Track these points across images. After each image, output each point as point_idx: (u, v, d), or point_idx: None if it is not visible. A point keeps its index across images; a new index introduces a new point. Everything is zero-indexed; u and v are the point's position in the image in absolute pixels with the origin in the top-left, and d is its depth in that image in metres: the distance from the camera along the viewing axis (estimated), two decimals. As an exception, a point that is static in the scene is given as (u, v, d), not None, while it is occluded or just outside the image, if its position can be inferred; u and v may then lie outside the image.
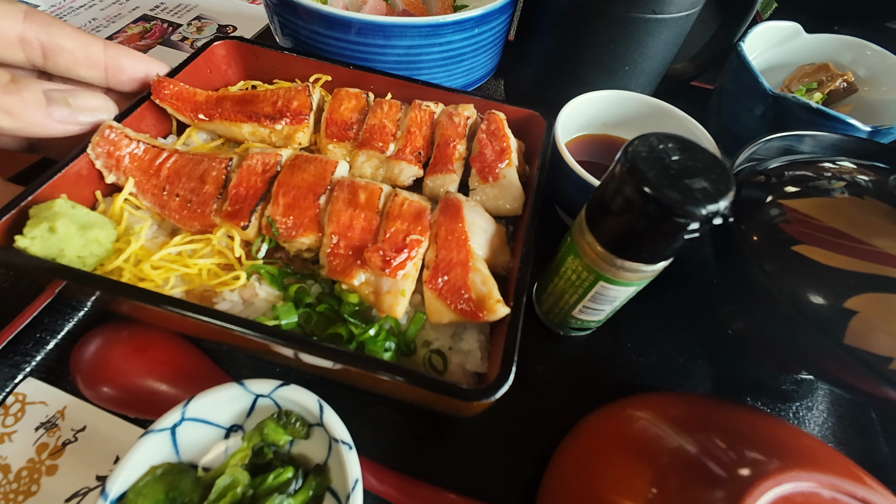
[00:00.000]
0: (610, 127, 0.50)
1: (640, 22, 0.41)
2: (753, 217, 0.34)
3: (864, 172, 0.34)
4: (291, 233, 0.29)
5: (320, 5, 0.39)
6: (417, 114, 0.37)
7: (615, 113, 0.48)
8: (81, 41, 0.33)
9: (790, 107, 0.45)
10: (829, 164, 0.37)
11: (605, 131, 0.51)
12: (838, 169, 0.35)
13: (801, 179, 0.36)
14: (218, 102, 0.37)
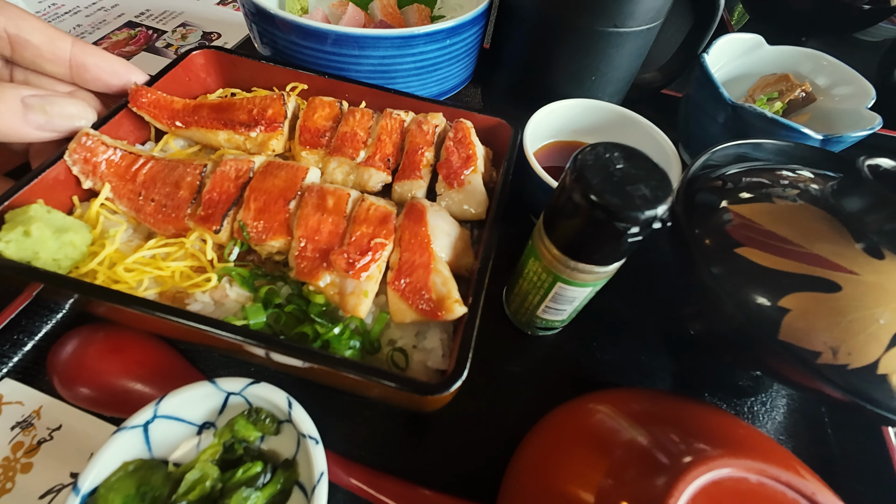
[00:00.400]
0: (580, 134, 0.52)
1: (603, 35, 0.43)
2: (706, 221, 0.36)
3: (810, 179, 0.36)
4: (262, 236, 0.31)
5: (296, 18, 0.41)
6: (388, 122, 0.38)
7: (584, 120, 0.50)
8: (49, 37, 0.34)
9: (748, 116, 0.47)
10: (781, 171, 0.39)
11: (576, 138, 0.53)
12: (788, 176, 0.38)
13: (754, 185, 0.38)
14: (195, 110, 0.38)
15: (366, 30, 0.41)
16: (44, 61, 0.34)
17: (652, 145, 0.48)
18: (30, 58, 0.34)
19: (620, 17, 0.42)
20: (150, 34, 0.69)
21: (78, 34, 0.67)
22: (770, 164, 0.42)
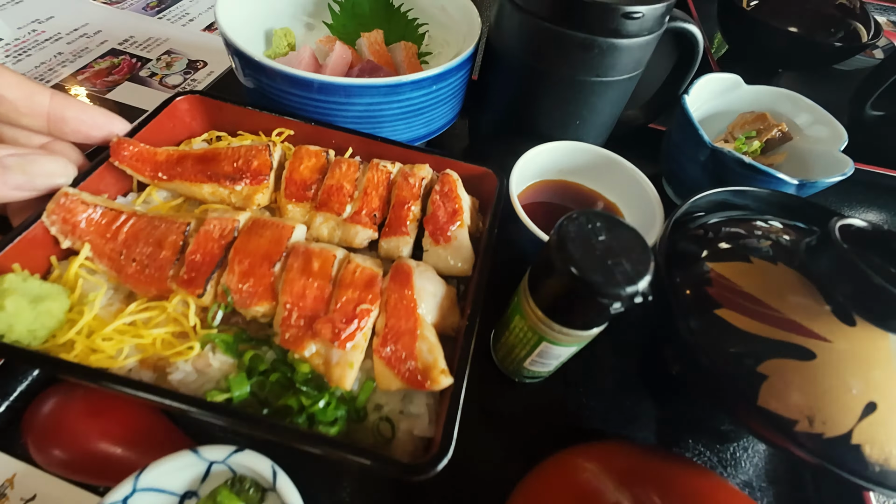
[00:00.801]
0: (565, 173, 0.53)
1: (586, 84, 0.44)
2: (687, 272, 0.37)
3: (787, 234, 0.37)
4: (246, 302, 0.30)
5: (282, 67, 0.41)
6: (374, 174, 0.38)
7: (569, 161, 0.51)
8: (26, 92, 0.33)
9: (726, 160, 0.48)
10: (760, 222, 0.40)
11: (562, 177, 0.53)
12: (766, 228, 0.39)
13: (733, 238, 0.39)
14: (178, 162, 0.38)
15: (353, 79, 0.41)
16: (20, 116, 0.33)
17: (635, 188, 0.49)
18: (5, 112, 0.33)
19: (602, 68, 0.42)
20: (134, 62, 0.68)
21: (59, 62, 0.66)
22: (750, 213, 0.43)
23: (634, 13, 0.38)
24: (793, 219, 0.41)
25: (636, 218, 0.49)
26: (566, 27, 0.40)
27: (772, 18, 0.75)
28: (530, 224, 0.40)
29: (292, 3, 0.60)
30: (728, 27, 0.85)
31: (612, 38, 0.40)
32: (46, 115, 0.34)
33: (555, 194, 0.53)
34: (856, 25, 0.76)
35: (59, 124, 0.35)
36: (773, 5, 0.77)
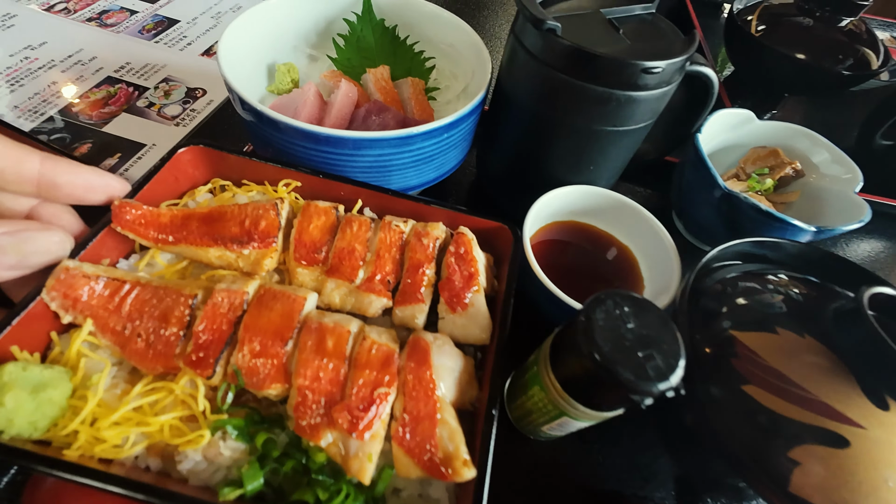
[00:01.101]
0: (577, 215, 0.52)
1: (602, 133, 0.43)
2: (709, 335, 0.36)
3: (813, 295, 0.37)
4: (258, 384, 0.29)
5: (287, 119, 0.39)
6: (387, 235, 0.37)
7: (582, 204, 0.50)
8: (14, 159, 0.31)
9: (741, 205, 0.48)
10: (782, 278, 0.39)
11: (574, 218, 0.52)
12: (789, 288, 0.38)
13: (755, 298, 0.38)
14: (183, 223, 0.36)
15: (362, 133, 0.39)
16: (8, 184, 0.31)
17: (649, 234, 0.48)
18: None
19: (619, 119, 0.41)
20: (132, 92, 0.66)
21: (52, 93, 0.64)
22: (772, 267, 0.42)
23: (654, 69, 0.37)
24: (819, 275, 0.40)
25: (650, 264, 0.49)
26: (582, 80, 0.38)
27: (779, 44, 0.75)
28: (549, 284, 0.39)
29: (296, 36, 0.58)
30: (735, 50, 0.85)
31: (630, 92, 0.39)
32: (37, 182, 0.32)
33: (566, 233, 0.52)
34: (864, 51, 0.75)
35: (52, 190, 0.33)
36: (781, 31, 0.77)
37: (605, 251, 0.51)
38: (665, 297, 0.42)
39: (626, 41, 0.41)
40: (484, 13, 0.97)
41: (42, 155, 0.32)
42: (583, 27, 0.42)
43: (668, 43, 0.42)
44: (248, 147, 0.59)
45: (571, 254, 0.52)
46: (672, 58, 0.38)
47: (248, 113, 0.42)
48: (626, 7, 0.46)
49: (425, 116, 0.53)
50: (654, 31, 0.44)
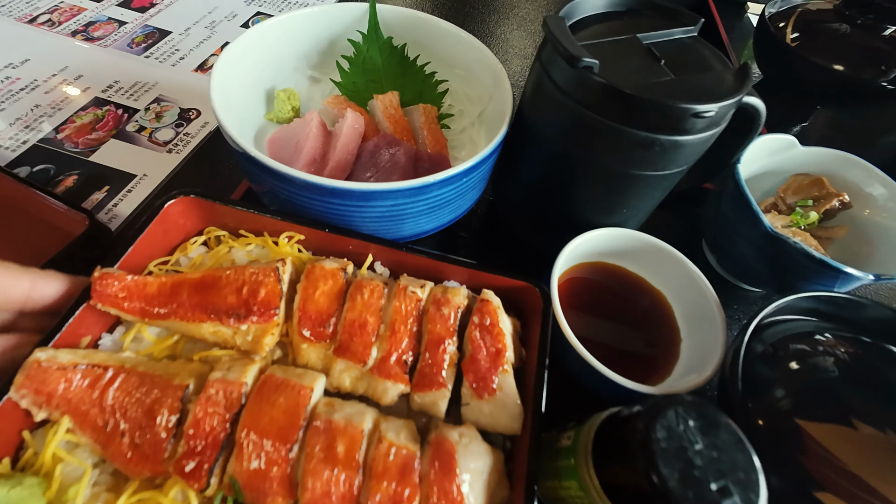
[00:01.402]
0: (605, 255, 0.48)
1: (639, 178, 0.38)
2: (769, 419, 0.32)
3: (882, 365, 0.32)
4: (259, 498, 0.25)
5: (289, 171, 0.35)
6: (402, 304, 0.33)
7: (612, 246, 0.46)
8: (2, 286, 0.28)
9: (791, 251, 0.43)
10: (846, 345, 0.35)
11: (601, 259, 0.48)
12: (861, 361, 0.34)
13: (822, 376, 0.34)
14: (173, 293, 0.32)
15: (373, 185, 0.35)
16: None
17: (688, 283, 0.43)
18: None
19: (661, 164, 0.37)
20: (120, 114, 0.61)
21: (36, 116, 0.59)
22: (836, 327, 0.37)
23: (706, 113, 0.32)
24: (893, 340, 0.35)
25: (687, 313, 0.44)
26: (623, 123, 0.34)
27: (815, 53, 0.69)
28: (585, 354, 0.35)
29: (296, 56, 0.53)
30: (765, 57, 0.79)
31: (676, 136, 0.34)
32: (23, 302, 0.29)
33: (594, 274, 0.48)
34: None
35: (38, 306, 0.30)
36: (817, 38, 0.71)
37: (637, 296, 0.47)
38: (711, 361, 0.38)
39: (670, 74, 0.36)
40: (494, 17, 0.91)
41: (32, 276, 0.29)
42: (619, 57, 0.38)
43: (716, 76, 0.37)
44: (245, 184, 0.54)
45: (600, 298, 0.47)
46: (724, 97, 0.33)
47: (244, 159, 0.37)
48: (666, 31, 0.41)
49: (439, 148, 0.49)
50: (699, 59, 0.39)
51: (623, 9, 0.42)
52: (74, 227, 0.46)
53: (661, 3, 0.42)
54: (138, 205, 0.53)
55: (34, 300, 0.29)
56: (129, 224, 0.50)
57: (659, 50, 0.39)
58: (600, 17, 0.42)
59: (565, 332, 0.35)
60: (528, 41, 0.87)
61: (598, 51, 0.38)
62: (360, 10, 0.52)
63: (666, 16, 0.42)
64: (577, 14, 0.41)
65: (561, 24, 0.35)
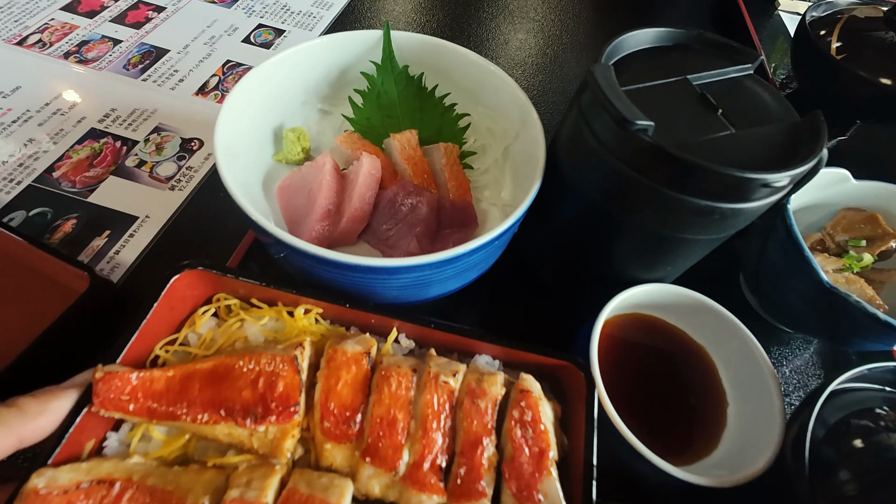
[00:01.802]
0: (642, 308, 0.44)
1: (691, 242, 0.35)
2: (826, 481, 0.30)
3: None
4: None
5: (307, 246, 0.31)
6: (433, 396, 0.30)
7: (650, 300, 0.42)
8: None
9: (851, 309, 0.39)
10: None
11: (636, 311, 0.45)
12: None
13: (875, 432, 0.32)
14: (183, 388, 0.29)
15: (398, 261, 0.31)
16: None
17: (738, 345, 0.40)
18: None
19: (717, 230, 0.33)
20: (119, 147, 0.58)
21: (31, 153, 0.56)
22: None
23: (777, 183, 0.29)
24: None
25: (736, 377, 0.41)
26: (678, 191, 0.30)
27: (862, 65, 0.64)
28: (636, 444, 0.32)
29: (304, 90, 0.49)
30: (805, 67, 0.73)
31: (738, 205, 0.30)
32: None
33: (631, 326, 0.45)
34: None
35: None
36: (863, 48, 0.65)
37: (678, 354, 0.44)
38: (766, 438, 0.35)
39: (729, 128, 0.32)
40: (508, 20, 0.86)
41: (20, 431, 0.25)
42: (671, 106, 0.34)
43: (783, 129, 0.33)
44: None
45: (637, 355, 0.44)
46: (797, 161, 0.29)
47: (259, 231, 0.34)
48: (719, 70, 0.36)
49: (461, 192, 0.45)
50: (759, 105, 0.35)
51: (671, 43, 0.38)
52: (75, 281, 0.44)
53: (712, 36, 0.38)
54: (140, 251, 0.50)
55: (30, 440, 0.25)
56: (133, 291, 0.47)
57: (714, 95, 0.34)
58: (646, 54, 0.37)
59: (614, 420, 0.32)
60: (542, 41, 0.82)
61: (646, 97, 0.34)
62: (373, 38, 0.48)
63: (718, 51, 0.38)
64: (620, 52, 0.37)
65: (609, 77, 0.30)
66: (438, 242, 0.42)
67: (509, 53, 0.80)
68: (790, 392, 0.49)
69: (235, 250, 0.46)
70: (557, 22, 0.88)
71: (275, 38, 0.74)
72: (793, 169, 0.28)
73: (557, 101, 0.74)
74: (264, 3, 0.79)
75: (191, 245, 0.51)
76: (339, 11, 0.81)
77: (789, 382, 0.50)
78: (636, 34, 0.36)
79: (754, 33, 0.88)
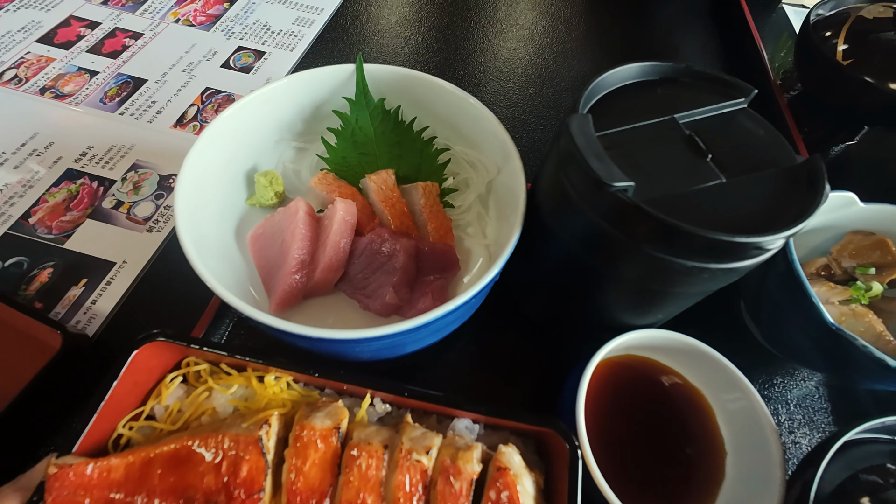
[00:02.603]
0: (633, 349, 0.42)
1: (681, 295, 0.32)
2: None
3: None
4: None
5: (274, 321, 0.30)
6: (405, 477, 0.28)
7: (642, 342, 0.40)
8: None
9: (857, 353, 0.37)
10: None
11: (628, 352, 0.43)
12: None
13: (882, 488, 0.30)
14: (143, 474, 0.28)
15: (372, 331, 0.30)
16: None
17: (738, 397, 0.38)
18: None
19: (707, 285, 0.31)
20: (96, 188, 0.56)
21: (6, 199, 0.54)
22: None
23: (770, 245, 0.26)
24: None
25: (734, 425, 0.39)
26: (665, 253, 0.28)
27: (869, 69, 0.60)
28: None
29: (278, 129, 0.47)
30: (809, 71, 0.70)
31: (730, 264, 0.28)
32: None
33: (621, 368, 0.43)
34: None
35: None
36: (870, 54, 0.61)
37: (672, 398, 0.42)
38: (766, 494, 0.33)
39: (720, 176, 0.30)
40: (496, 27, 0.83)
41: None
42: (656, 152, 0.31)
43: (777, 173, 0.30)
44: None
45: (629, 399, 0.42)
46: (793, 219, 0.27)
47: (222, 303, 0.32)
48: (709, 106, 0.34)
49: (442, 233, 0.43)
50: (751, 144, 0.32)
51: (657, 77, 0.35)
52: (50, 336, 0.43)
53: (702, 69, 0.35)
54: (117, 301, 0.48)
55: None
56: (109, 344, 0.46)
57: (703, 136, 0.32)
58: (630, 91, 0.35)
59: (602, 489, 0.30)
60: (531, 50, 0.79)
61: (629, 142, 0.31)
62: (345, 72, 0.45)
63: (708, 84, 0.35)
64: (602, 91, 0.34)
65: (585, 130, 0.28)
66: (418, 290, 0.40)
67: (498, 66, 0.77)
68: (795, 429, 0.47)
69: (211, 301, 0.44)
70: (548, 28, 0.85)
71: (255, 62, 0.72)
72: (788, 229, 0.26)
73: (549, 116, 0.71)
74: (244, 24, 0.77)
75: (169, 292, 0.49)
76: (321, 28, 0.79)
77: (794, 418, 0.47)
78: (618, 71, 0.34)
79: (755, 31, 0.84)
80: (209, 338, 0.44)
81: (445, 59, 0.77)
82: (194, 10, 0.78)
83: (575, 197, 0.30)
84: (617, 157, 0.29)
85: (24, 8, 0.74)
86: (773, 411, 0.47)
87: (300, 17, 0.80)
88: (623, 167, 0.27)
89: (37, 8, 0.74)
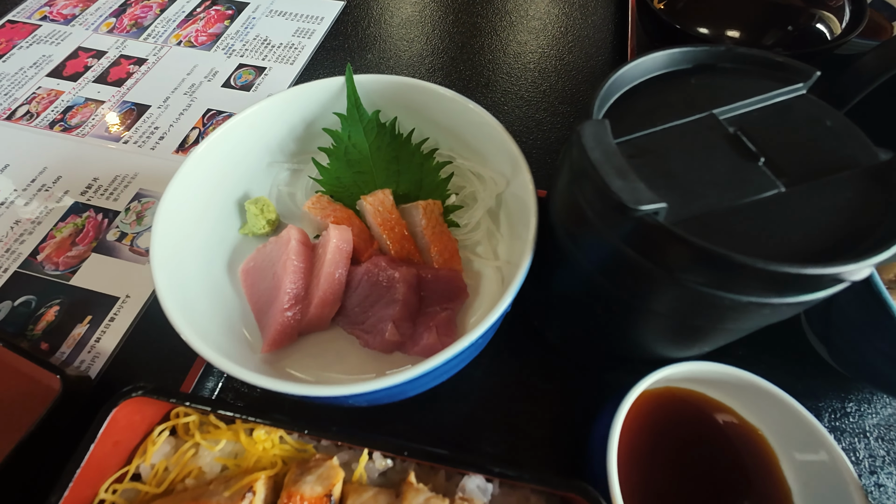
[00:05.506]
0: (675, 382, 0.36)
1: (725, 331, 0.27)
2: None
3: None
4: None
5: (263, 380, 0.27)
6: (406, 559, 0.24)
7: (685, 377, 0.34)
8: None
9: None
10: None
11: (669, 385, 0.37)
12: None
13: None
14: (118, 553, 0.25)
15: (373, 384, 0.26)
16: None
17: (804, 435, 0.31)
18: None
19: (758, 321, 0.25)
20: (100, 221, 0.56)
21: (17, 235, 0.55)
22: None
23: (852, 275, 0.20)
24: None
25: (803, 474, 0.33)
26: (713, 287, 0.22)
27: (692, 18, 0.50)
28: None
29: (268, 151, 0.44)
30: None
31: (795, 298, 0.22)
32: None
33: (662, 405, 0.37)
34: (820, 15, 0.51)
35: None
36: None
37: (725, 438, 0.36)
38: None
39: (776, 183, 0.24)
40: (506, 21, 0.77)
41: None
42: (691, 156, 0.25)
43: (854, 175, 0.24)
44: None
45: (673, 444, 0.36)
46: (877, 245, 0.21)
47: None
48: (757, 97, 0.28)
49: (446, 257, 0.39)
50: (816, 140, 0.26)
51: (690, 65, 0.30)
52: (53, 379, 0.42)
53: (745, 51, 0.29)
54: (120, 338, 0.47)
55: None
56: (110, 384, 0.45)
57: (752, 135, 0.26)
58: (657, 84, 0.29)
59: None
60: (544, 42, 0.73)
61: (657, 149, 0.26)
62: (335, 85, 0.42)
63: (755, 68, 0.29)
64: (621, 86, 0.29)
65: (602, 140, 0.23)
66: (421, 324, 0.36)
67: (508, 62, 0.72)
68: (877, 468, 0.39)
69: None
70: (562, 16, 0.79)
71: (255, 78, 0.70)
72: (879, 252, 0.20)
73: (567, 113, 0.65)
74: (244, 41, 0.76)
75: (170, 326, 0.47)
76: (321, 38, 0.76)
77: (875, 454, 0.40)
78: (641, 62, 0.28)
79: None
80: (207, 377, 0.41)
81: (451, 58, 0.72)
82: (196, 30, 0.77)
83: (593, 218, 0.25)
84: (643, 169, 0.24)
85: (36, 44, 0.75)
86: (848, 446, 0.40)
87: (300, 27, 0.77)
88: (652, 181, 0.22)
89: (47, 42, 0.76)
